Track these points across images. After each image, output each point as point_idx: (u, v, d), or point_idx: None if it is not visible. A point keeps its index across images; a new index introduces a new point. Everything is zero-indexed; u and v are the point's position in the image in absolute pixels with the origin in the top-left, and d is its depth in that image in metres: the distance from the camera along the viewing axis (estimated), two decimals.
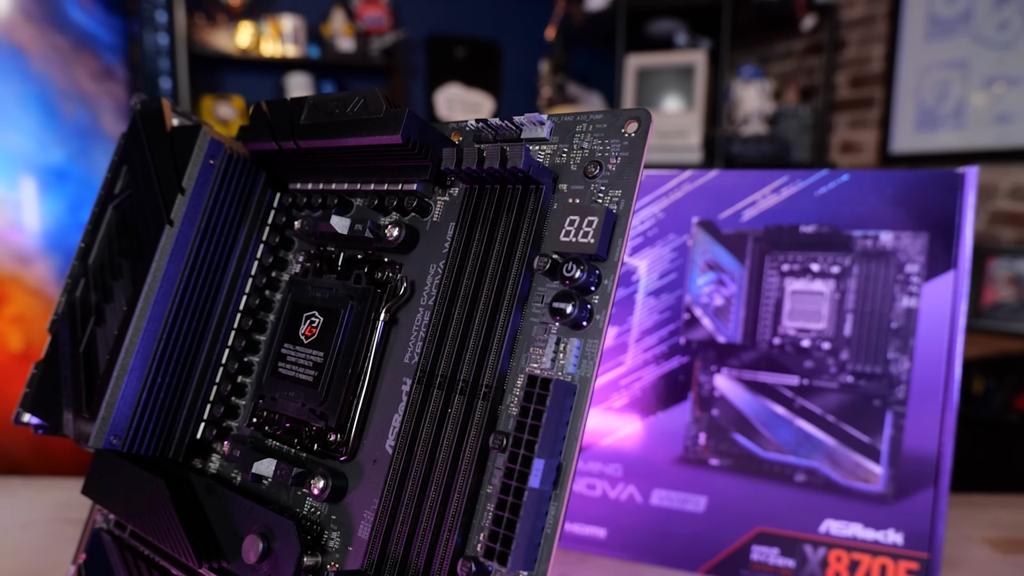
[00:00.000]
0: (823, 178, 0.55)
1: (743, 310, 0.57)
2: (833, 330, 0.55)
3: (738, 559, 0.57)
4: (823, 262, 0.55)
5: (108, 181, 0.40)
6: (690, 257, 0.58)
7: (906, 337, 0.53)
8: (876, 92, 2.30)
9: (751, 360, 0.57)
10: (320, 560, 0.29)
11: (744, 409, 0.57)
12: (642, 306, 0.60)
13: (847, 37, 2.38)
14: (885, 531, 0.54)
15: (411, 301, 0.31)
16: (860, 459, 0.54)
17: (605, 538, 0.61)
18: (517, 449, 0.24)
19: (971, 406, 1.69)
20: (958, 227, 0.52)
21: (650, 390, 0.60)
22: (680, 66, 2.29)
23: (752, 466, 0.57)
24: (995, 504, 0.74)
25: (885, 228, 0.54)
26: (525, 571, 0.24)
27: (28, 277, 1.99)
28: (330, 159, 0.34)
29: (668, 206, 0.59)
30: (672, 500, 0.59)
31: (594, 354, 0.25)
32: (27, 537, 0.60)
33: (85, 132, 2.01)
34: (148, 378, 0.34)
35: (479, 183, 0.30)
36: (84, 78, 2.00)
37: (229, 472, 0.35)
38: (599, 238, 0.26)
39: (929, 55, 2.17)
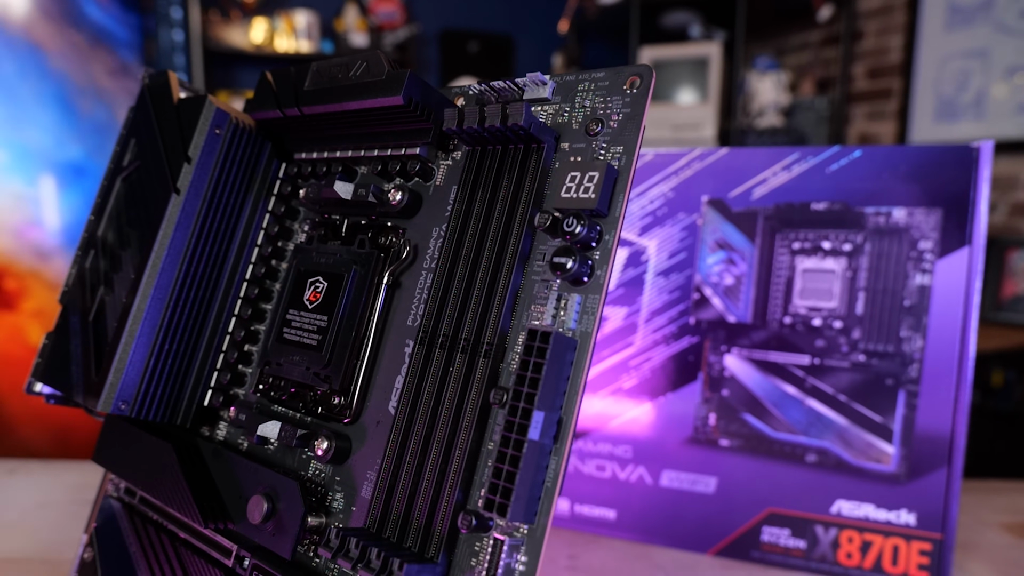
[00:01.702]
0: (835, 154, 0.54)
1: (753, 289, 0.57)
2: (845, 308, 0.54)
3: (748, 540, 0.57)
4: (835, 239, 0.54)
5: (116, 154, 0.41)
6: (700, 236, 0.58)
7: (919, 315, 0.52)
8: (894, 83, 2.27)
9: (761, 340, 0.57)
10: (324, 520, 0.29)
11: (754, 389, 0.57)
12: (651, 286, 0.59)
13: (865, 27, 2.35)
14: (898, 511, 0.53)
15: (414, 264, 0.31)
16: (872, 439, 0.54)
17: (615, 519, 0.61)
18: (517, 402, 0.24)
19: (990, 398, 1.66)
20: (973, 202, 0.51)
21: (660, 371, 0.59)
22: (694, 58, 2.27)
23: (763, 447, 0.56)
24: (1012, 490, 0.72)
25: (898, 204, 0.53)
26: (525, 524, 0.24)
27: (47, 272, 2.01)
28: (334, 125, 0.34)
29: (677, 185, 0.58)
30: (682, 481, 0.59)
31: (595, 309, 0.25)
32: (44, 516, 0.61)
33: (102, 128, 2.04)
34: (156, 345, 0.35)
35: (481, 144, 0.30)
36: (101, 74, 2.02)
37: (236, 439, 0.35)
38: (600, 193, 0.25)
39: (949, 44, 2.14)
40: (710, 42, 2.29)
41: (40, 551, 0.54)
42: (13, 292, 2.01)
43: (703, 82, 2.25)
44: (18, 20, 1.87)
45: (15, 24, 1.87)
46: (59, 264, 2.01)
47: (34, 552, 0.54)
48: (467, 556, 0.26)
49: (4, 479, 0.70)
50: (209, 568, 0.31)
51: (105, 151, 2.11)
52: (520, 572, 0.24)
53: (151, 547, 0.34)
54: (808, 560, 0.55)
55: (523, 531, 0.24)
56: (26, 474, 0.72)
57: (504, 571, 0.24)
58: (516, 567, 0.24)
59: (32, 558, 0.53)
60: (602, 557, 0.58)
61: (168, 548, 0.34)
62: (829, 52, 2.44)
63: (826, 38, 2.45)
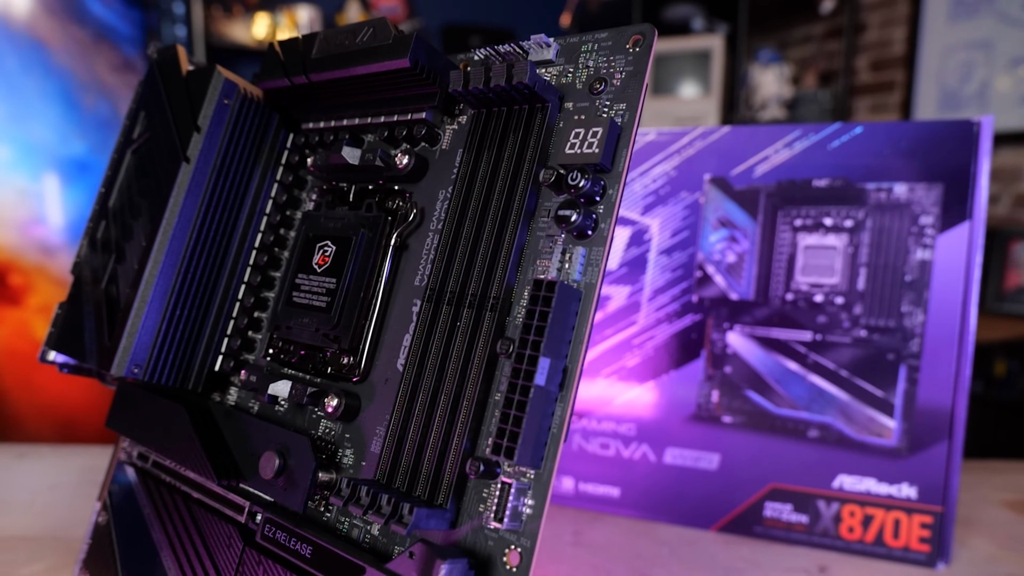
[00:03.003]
0: (836, 131, 0.55)
1: (756, 266, 0.57)
2: (846, 284, 0.55)
3: (751, 516, 0.57)
4: (836, 216, 0.55)
5: (126, 128, 0.41)
6: (702, 214, 0.58)
7: (920, 290, 0.53)
8: (897, 75, 2.27)
9: (764, 316, 0.57)
10: (334, 476, 0.30)
11: (757, 366, 0.57)
12: (654, 265, 0.60)
13: (867, 20, 2.35)
14: (899, 485, 0.53)
15: (421, 226, 0.32)
16: (874, 414, 0.54)
17: (619, 497, 0.61)
18: (523, 350, 0.24)
19: (993, 389, 1.67)
20: (973, 177, 0.51)
21: (663, 349, 0.60)
22: (697, 51, 2.27)
23: (765, 423, 0.57)
24: (1012, 469, 0.73)
25: (899, 180, 0.53)
26: (532, 469, 0.25)
27: (52, 268, 2.02)
28: (341, 92, 0.34)
29: (680, 164, 0.59)
30: (685, 458, 0.59)
31: (599, 261, 0.26)
32: (54, 497, 0.62)
33: (106, 124, 2.05)
34: (167, 310, 0.35)
35: (486, 106, 0.30)
36: (104, 70, 2.03)
37: (246, 403, 0.36)
38: (603, 148, 0.26)
39: (952, 36, 2.14)
40: (712, 35, 2.29)
41: (51, 529, 0.55)
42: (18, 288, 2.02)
43: (705, 75, 2.26)
44: (21, 16, 1.88)
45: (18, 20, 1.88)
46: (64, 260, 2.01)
47: (45, 531, 0.54)
48: (475, 502, 0.26)
49: (14, 462, 0.71)
50: (222, 525, 0.32)
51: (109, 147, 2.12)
52: (527, 515, 0.25)
53: (165, 508, 0.35)
54: (810, 535, 0.56)
55: (530, 476, 0.25)
56: (36, 458, 0.73)
57: (512, 514, 0.25)
58: (523, 510, 0.25)
59: (43, 536, 0.53)
60: (606, 533, 0.58)
61: (182, 508, 0.34)
62: (832, 45, 2.44)
63: (829, 31, 2.45)
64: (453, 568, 0.23)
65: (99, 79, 2.05)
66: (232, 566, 0.31)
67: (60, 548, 0.50)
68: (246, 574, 0.30)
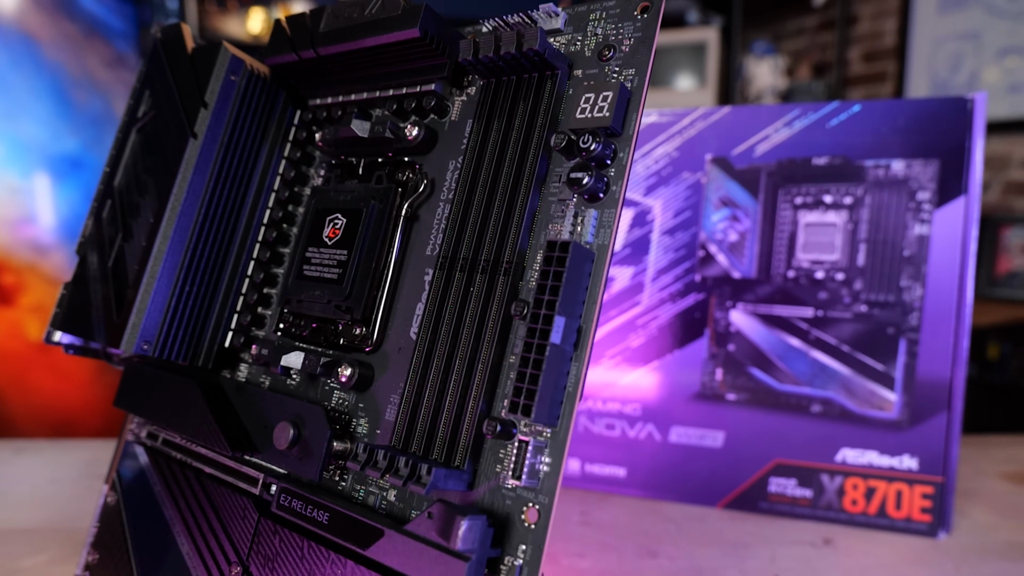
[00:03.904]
0: (835, 110, 0.55)
1: (757, 245, 0.58)
2: (847, 260, 0.55)
3: (756, 492, 0.58)
4: (836, 193, 0.55)
5: (131, 107, 0.41)
6: (704, 194, 0.59)
7: (918, 264, 0.53)
8: (889, 66, 2.28)
9: (766, 294, 0.58)
10: (349, 446, 0.30)
11: (760, 343, 0.58)
12: (657, 245, 0.60)
13: (859, 12, 2.36)
14: (900, 457, 0.54)
15: (431, 197, 0.32)
16: (875, 387, 0.55)
17: (625, 477, 0.62)
18: (539, 310, 0.25)
19: (987, 371, 1.68)
20: (968, 152, 0.52)
21: (667, 328, 0.60)
22: (692, 44, 2.28)
23: (769, 399, 0.58)
24: (1010, 443, 0.74)
25: (897, 157, 0.54)
26: (548, 428, 0.25)
27: (45, 266, 2.01)
28: (349, 66, 0.34)
29: (681, 144, 0.59)
30: (690, 436, 0.60)
31: (611, 223, 0.26)
32: (55, 490, 0.62)
33: (98, 120, 2.03)
34: (177, 286, 0.35)
35: (496, 75, 0.30)
36: (96, 66, 2.02)
37: (257, 378, 0.36)
38: (614, 111, 0.26)
39: (942, 27, 2.15)
40: (707, 28, 2.30)
41: (52, 522, 0.55)
42: (10, 287, 2.01)
43: (701, 67, 2.26)
44: (10, 11, 1.86)
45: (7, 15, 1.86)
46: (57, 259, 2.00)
47: (46, 523, 0.54)
48: (492, 463, 0.26)
49: (13, 457, 0.70)
50: (236, 497, 0.32)
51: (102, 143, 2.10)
52: (545, 472, 0.25)
53: (176, 484, 0.35)
54: (815, 508, 0.56)
55: (546, 434, 0.25)
56: (34, 452, 0.73)
57: (529, 471, 0.25)
58: (541, 468, 0.25)
59: (44, 528, 0.53)
60: (614, 513, 0.59)
61: (194, 483, 0.34)
62: (825, 36, 2.45)
63: (822, 23, 2.46)
64: (473, 524, 0.23)
65: (91, 75, 2.04)
66: (247, 537, 0.31)
67: (61, 540, 0.50)
68: (262, 544, 0.30)
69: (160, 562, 0.33)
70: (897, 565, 0.50)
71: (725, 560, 0.51)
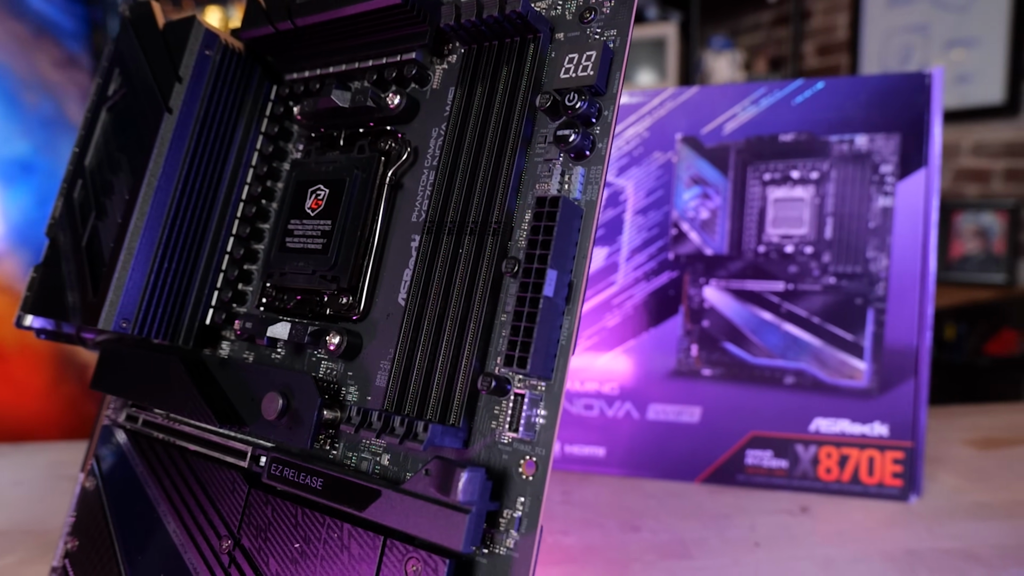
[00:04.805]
0: (799, 87, 0.57)
1: (728, 221, 0.59)
2: (815, 234, 0.57)
3: (734, 464, 0.59)
4: (803, 168, 0.57)
5: (99, 86, 0.40)
6: (675, 173, 0.60)
7: (883, 235, 0.55)
8: (843, 59, 2.35)
9: (738, 269, 0.59)
10: (339, 415, 0.30)
11: (733, 318, 0.59)
12: (631, 225, 0.61)
13: (813, 7, 2.42)
14: (871, 424, 0.56)
15: (415, 165, 0.32)
16: (845, 357, 0.56)
17: (604, 456, 0.62)
18: (530, 264, 0.25)
19: (944, 352, 1.74)
20: (927, 126, 0.54)
21: (642, 307, 0.61)
22: (652, 39, 2.31)
23: (743, 373, 0.59)
24: (973, 412, 0.77)
25: (860, 132, 0.55)
26: (543, 381, 0.25)
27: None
28: (327, 37, 0.34)
29: (652, 124, 0.60)
30: (668, 413, 0.61)
31: (598, 179, 0.26)
32: (21, 492, 0.60)
33: (50, 122, 1.97)
34: (155, 263, 0.35)
35: (478, 40, 0.30)
36: (47, 67, 1.96)
37: (241, 354, 0.36)
38: (598, 70, 0.27)
39: (891, 21, 2.22)
40: (666, 23, 2.33)
41: (20, 524, 0.53)
42: None
43: (661, 62, 2.29)
44: None
45: None
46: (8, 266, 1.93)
47: (13, 525, 0.53)
48: (487, 420, 0.27)
49: None
50: (224, 471, 0.32)
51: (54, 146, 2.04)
52: (541, 425, 0.25)
53: (160, 464, 0.34)
54: (791, 479, 0.58)
55: (541, 388, 0.26)
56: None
57: (526, 424, 0.25)
58: (537, 420, 0.25)
59: (12, 530, 0.52)
60: (595, 491, 0.59)
61: (179, 462, 0.34)
62: (780, 31, 2.51)
63: (777, 18, 2.52)
64: (473, 476, 0.24)
65: (41, 76, 1.97)
66: (238, 510, 0.30)
67: (30, 541, 0.49)
68: (254, 515, 0.30)
69: (146, 543, 0.33)
70: (872, 528, 0.52)
71: (706, 531, 0.52)
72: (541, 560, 0.48)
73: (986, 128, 1.99)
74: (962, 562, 0.46)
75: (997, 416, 0.76)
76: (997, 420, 0.74)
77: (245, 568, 0.29)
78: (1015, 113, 1.92)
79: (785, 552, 0.48)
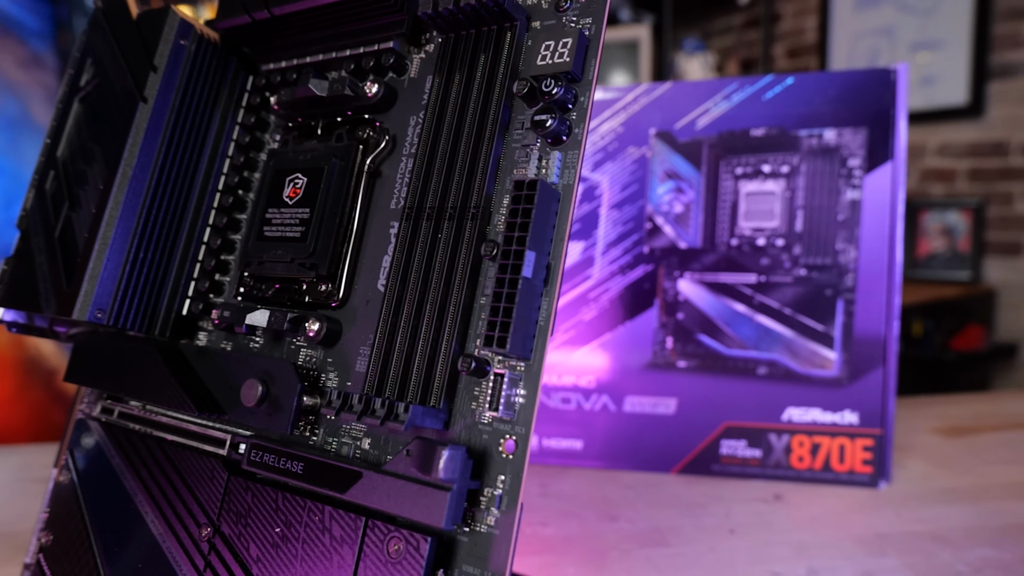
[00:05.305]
0: (770, 83, 0.58)
1: (702, 215, 0.60)
2: (786, 227, 0.58)
3: (709, 455, 0.60)
4: (773, 163, 0.58)
5: (71, 76, 0.40)
6: (649, 168, 0.61)
7: (852, 227, 0.56)
8: (811, 61, 2.39)
9: (711, 262, 0.60)
10: (319, 401, 0.30)
11: (707, 310, 0.60)
12: (606, 219, 0.62)
13: (782, 10, 2.47)
14: (841, 412, 0.57)
15: (394, 153, 0.32)
16: (816, 347, 0.57)
17: (582, 449, 0.63)
18: (509, 247, 0.25)
19: (912, 347, 1.78)
20: (893, 120, 0.55)
21: (618, 300, 0.62)
22: (625, 41, 2.34)
23: (717, 364, 0.60)
24: (940, 403, 0.79)
25: (828, 126, 0.57)
26: (522, 361, 0.26)
27: None
28: (304, 27, 0.34)
29: (627, 120, 0.61)
30: (644, 405, 0.61)
31: (575, 163, 0.27)
32: None
33: (14, 123, 1.93)
34: (130, 253, 0.35)
35: (455, 29, 0.31)
36: (10, 67, 1.92)
37: (218, 344, 0.35)
38: (574, 56, 0.27)
39: (858, 24, 2.27)
40: (639, 25, 2.36)
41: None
42: None
43: (634, 64, 2.32)
44: None
45: None
46: None
47: None
48: (467, 402, 0.27)
49: None
50: (203, 460, 0.32)
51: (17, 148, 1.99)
52: (520, 404, 0.26)
53: (137, 455, 0.34)
54: (764, 468, 0.59)
55: (520, 368, 0.26)
56: None
57: (505, 403, 0.25)
58: (516, 400, 0.26)
59: None
60: (573, 484, 0.60)
61: (156, 452, 0.33)
62: (751, 34, 2.55)
63: (748, 21, 2.56)
64: (454, 454, 0.24)
65: (5, 76, 1.93)
66: (217, 498, 0.30)
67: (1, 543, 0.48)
68: (233, 502, 0.30)
69: (124, 534, 0.32)
70: (843, 513, 0.53)
71: (682, 520, 0.52)
72: (521, 551, 0.48)
73: (951, 129, 2.05)
74: (930, 544, 0.47)
75: (962, 406, 0.78)
76: (963, 409, 0.76)
77: (225, 554, 0.28)
78: (979, 114, 1.98)
79: (759, 538, 0.49)
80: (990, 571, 0.43)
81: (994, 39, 1.95)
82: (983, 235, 1.96)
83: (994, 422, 0.72)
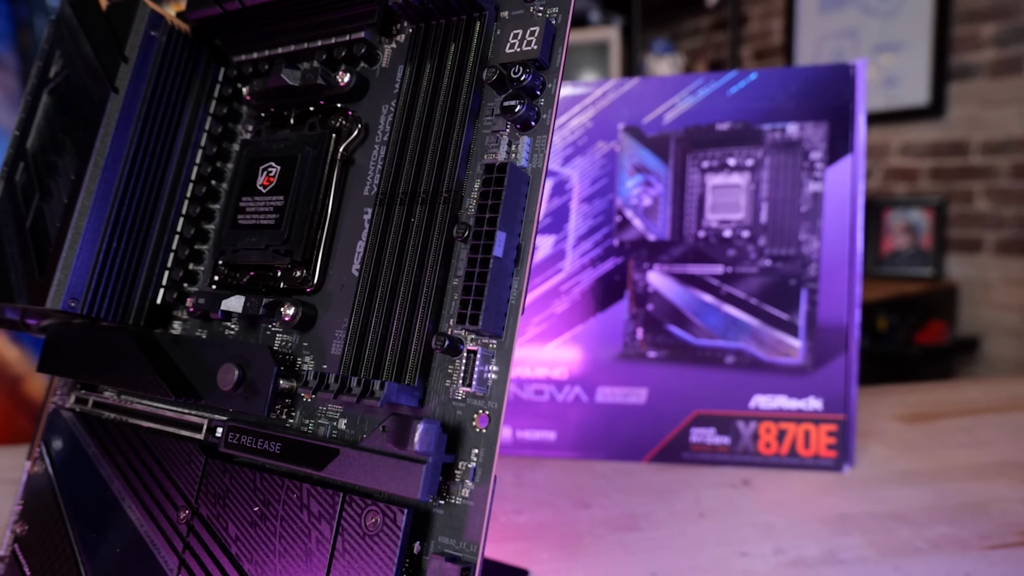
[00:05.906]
0: (734, 78, 0.60)
1: (670, 208, 0.61)
2: (751, 219, 0.60)
3: (679, 443, 0.61)
4: (738, 156, 0.60)
5: (40, 68, 0.40)
6: (618, 162, 0.62)
7: (814, 219, 0.58)
8: (778, 63, 2.44)
9: (680, 254, 0.61)
10: (295, 385, 0.31)
11: (676, 301, 0.61)
12: (576, 213, 0.63)
13: (749, 12, 2.51)
14: (806, 399, 0.59)
15: (366, 141, 0.33)
16: (781, 336, 0.59)
17: (555, 440, 0.64)
18: (480, 227, 0.26)
19: (877, 342, 1.83)
20: (853, 114, 0.57)
21: (589, 293, 0.63)
22: (595, 43, 2.36)
23: (686, 354, 0.61)
24: (902, 391, 0.81)
25: (791, 120, 0.59)
26: (494, 339, 0.27)
27: None
28: (276, 17, 0.35)
29: (596, 115, 0.62)
30: (615, 395, 0.63)
31: (543, 148, 0.28)
32: None
33: None
34: (103, 243, 0.35)
35: (425, 19, 0.32)
36: None
37: (193, 331, 0.36)
38: (542, 44, 0.28)
39: (823, 26, 2.32)
40: (609, 27, 2.39)
41: None
42: None
43: (604, 65, 2.34)
44: None
45: None
46: None
47: None
48: (441, 380, 0.28)
49: None
50: (180, 445, 0.32)
51: None
52: (493, 380, 0.26)
53: (113, 443, 0.34)
54: (732, 454, 0.60)
55: (492, 345, 0.27)
56: None
57: (478, 379, 0.26)
58: (489, 376, 0.26)
59: None
60: (546, 473, 0.61)
61: (133, 440, 0.34)
62: (719, 36, 2.59)
63: (715, 23, 2.61)
64: (429, 427, 0.24)
65: None
66: (195, 481, 0.31)
67: None
68: (211, 484, 0.30)
69: (101, 520, 0.32)
70: (809, 496, 0.54)
71: (654, 505, 0.54)
72: (495, 538, 0.49)
73: (913, 129, 2.10)
74: (891, 522, 0.49)
75: (923, 394, 0.81)
76: (923, 397, 0.79)
77: (204, 535, 0.29)
78: (939, 114, 2.03)
79: (728, 521, 0.50)
80: (948, 547, 0.45)
81: (954, 41, 2.01)
82: (944, 232, 2.02)
83: (953, 409, 0.74)
